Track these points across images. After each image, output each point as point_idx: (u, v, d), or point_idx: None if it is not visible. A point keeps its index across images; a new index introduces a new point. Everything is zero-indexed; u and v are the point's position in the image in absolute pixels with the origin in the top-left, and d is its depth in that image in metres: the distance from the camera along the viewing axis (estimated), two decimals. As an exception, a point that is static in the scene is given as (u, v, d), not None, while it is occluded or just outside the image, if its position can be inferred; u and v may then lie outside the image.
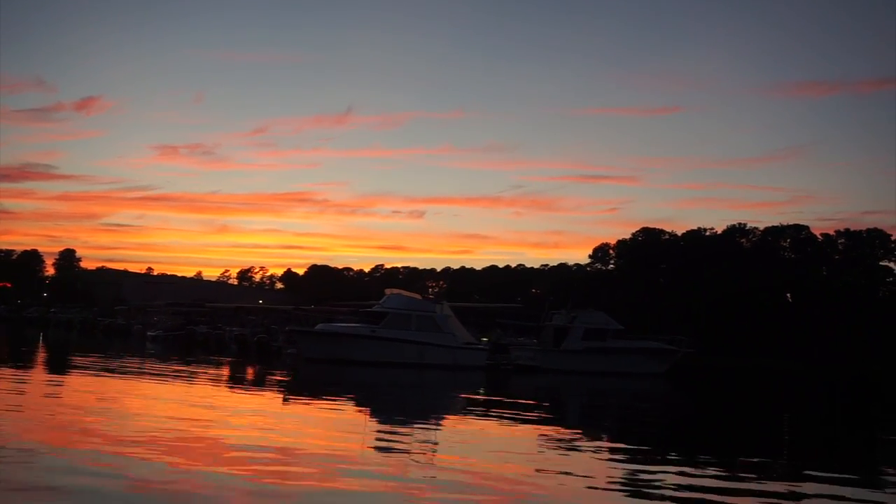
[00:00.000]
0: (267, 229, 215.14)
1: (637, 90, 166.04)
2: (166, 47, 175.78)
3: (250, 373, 31.35)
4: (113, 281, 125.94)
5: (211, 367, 31.42)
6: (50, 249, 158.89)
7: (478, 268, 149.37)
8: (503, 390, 29.57)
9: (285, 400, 21.16)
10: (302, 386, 26.60)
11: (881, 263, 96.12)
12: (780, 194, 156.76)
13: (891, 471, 14.46)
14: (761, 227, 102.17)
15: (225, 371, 30.82)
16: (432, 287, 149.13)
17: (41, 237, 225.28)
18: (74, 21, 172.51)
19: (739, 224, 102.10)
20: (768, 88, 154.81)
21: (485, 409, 21.47)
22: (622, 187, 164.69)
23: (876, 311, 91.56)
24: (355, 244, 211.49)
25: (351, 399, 22.22)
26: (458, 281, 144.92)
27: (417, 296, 40.63)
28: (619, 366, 43.71)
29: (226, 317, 59.61)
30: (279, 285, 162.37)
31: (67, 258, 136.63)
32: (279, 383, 26.89)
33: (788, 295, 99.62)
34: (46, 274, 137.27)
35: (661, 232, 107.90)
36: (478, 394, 27.50)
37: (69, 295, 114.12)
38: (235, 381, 27.05)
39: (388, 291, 41.59)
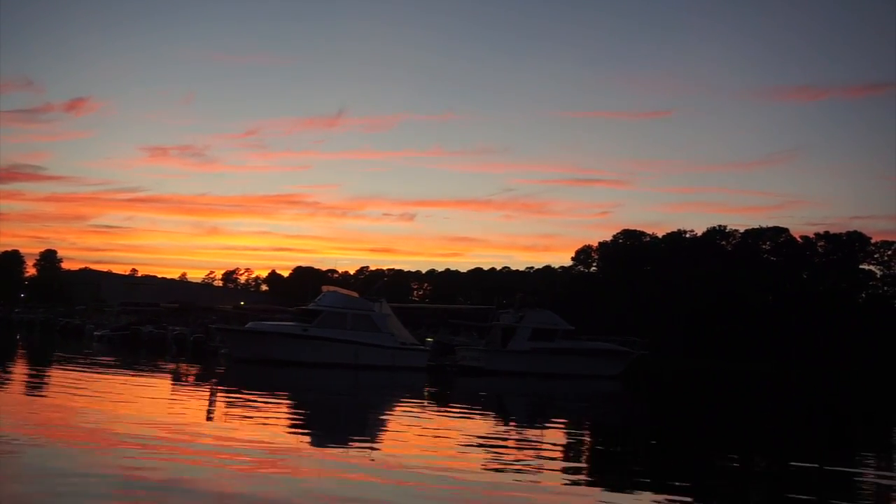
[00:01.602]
0: (257, 231, 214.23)
1: (629, 93, 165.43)
2: (156, 48, 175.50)
3: (163, 373, 30.25)
4: (92, 282, 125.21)
5: (127, 367, 30.38)
6: (37, 251, 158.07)
7: (463, 270, 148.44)
8: (435, 392, 28.44)
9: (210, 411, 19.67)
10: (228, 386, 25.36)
11: (863, 267, 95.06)
12: (771, 199, 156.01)
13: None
14: (742, 229, 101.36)
15: (144, 371, 29.72)
16: (416, 289, 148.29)
17: (28, 238, 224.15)
18: (63, 21, 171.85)
19: (720, 226, 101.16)
20: (760, 93, 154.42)
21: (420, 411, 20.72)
22: (613, 191, 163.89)
23: (856, 314, 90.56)
24: (346, 246, 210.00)
25: (277, 402, 20.92)
26: (443, 283, 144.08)
27: (354, 294, 39.44)
28: (568, 367, 42.49)
29: (195, 316, 58.02)
30: (264, 287, 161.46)
31: (48, 259, 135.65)
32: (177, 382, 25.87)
33: (770, 298, 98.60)
34: (28, 275, 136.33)
35: (643, 234, 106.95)
36: (411, 395, 26.44)
37: (47, 296, 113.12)
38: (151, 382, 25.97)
39: (324, 289, 40.44)
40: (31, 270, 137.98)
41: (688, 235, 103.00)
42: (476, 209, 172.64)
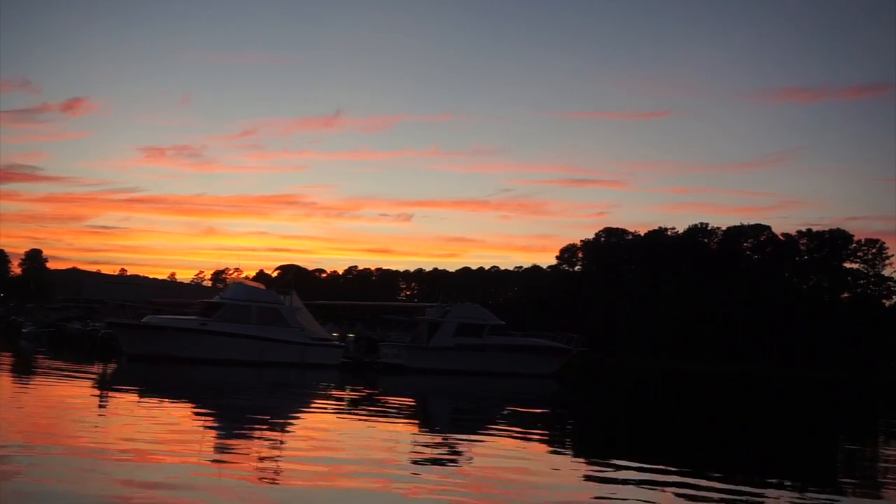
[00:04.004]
0: (254, 232, 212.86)
1: (626, 94, 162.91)
2: (153, 48, 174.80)
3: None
4: (74, 281, 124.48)
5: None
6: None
7: (452, 270, 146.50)
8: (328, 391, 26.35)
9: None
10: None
11: (846, 265, 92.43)
12: (767, 199, 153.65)
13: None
14: (724, 227, 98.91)
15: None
16: (405, 288, 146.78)
17: (24, 239, 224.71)
18: (61, 22, 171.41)
19: (701, 224, 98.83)
20: (756, 94, 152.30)
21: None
22: (609, 191, 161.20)
23: (840, 313, 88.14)
24: (342, 247, 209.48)
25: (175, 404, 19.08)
26: (432, 283, 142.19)
27: (261, 286, 37.64)
28: (498, 365, 40.58)
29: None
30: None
31: (34, 258, 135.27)
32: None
33: (751, 296, 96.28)
34: (13, 274, 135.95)
35: (625, 232, 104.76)
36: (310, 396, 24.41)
37: (27, 295, 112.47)
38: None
39: (231, 281, 38.81)
40: (17, 270, 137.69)
41: (669, 233, 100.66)
42: (473, 210, 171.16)
